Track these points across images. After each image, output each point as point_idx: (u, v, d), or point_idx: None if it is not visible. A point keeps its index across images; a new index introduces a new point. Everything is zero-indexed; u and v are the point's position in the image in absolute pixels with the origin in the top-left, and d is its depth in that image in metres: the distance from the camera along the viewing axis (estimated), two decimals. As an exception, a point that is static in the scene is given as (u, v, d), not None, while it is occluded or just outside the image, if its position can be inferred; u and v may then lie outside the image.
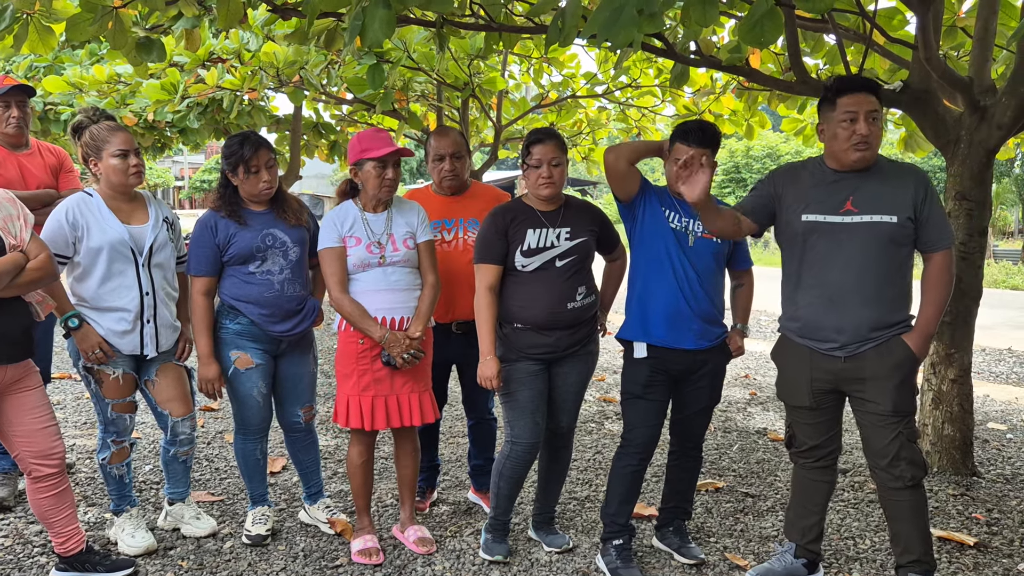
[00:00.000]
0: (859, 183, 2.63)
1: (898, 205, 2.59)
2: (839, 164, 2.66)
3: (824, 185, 2.67)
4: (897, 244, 2.60)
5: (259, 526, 3.23)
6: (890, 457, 2.64)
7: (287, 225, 3.12)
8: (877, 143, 2.60)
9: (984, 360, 7.49)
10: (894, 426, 2.63)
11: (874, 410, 2.65)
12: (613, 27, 2.38)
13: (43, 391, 2.77)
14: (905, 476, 2.64)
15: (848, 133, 2.57)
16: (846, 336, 2.63)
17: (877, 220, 2.59)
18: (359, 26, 2.64)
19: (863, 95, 2.57)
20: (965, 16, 4.30)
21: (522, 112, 7.76)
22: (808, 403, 2.77)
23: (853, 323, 2.62)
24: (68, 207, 2.92)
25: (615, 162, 2.90)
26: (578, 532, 3.35)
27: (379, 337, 2.91)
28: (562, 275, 2.91)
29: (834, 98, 2.61)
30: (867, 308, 2.61)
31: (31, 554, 3.08)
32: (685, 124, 2.87)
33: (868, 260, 2.60)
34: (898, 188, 2.61)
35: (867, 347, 2.63)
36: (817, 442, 2.81)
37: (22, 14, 3.53)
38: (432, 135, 3.41)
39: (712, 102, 6.63)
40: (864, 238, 2.60)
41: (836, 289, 2.63)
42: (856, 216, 2.61)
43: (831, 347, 2.66)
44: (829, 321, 2.65)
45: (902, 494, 2.67)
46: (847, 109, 2.57)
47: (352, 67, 5.96)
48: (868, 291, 2.60)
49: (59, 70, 7.96)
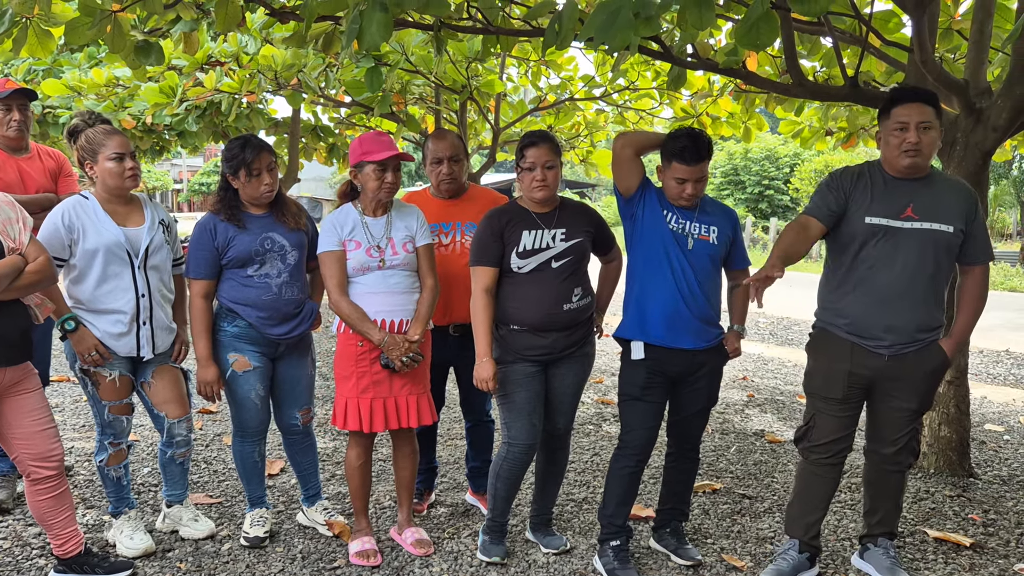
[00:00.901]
0: (918, 190, 2.75)
1: (954, 216, 2.73)
2: (894, 170, 2.78)
3: (884, 189, 2.77)
4: (948, 253, 2.76)
5: (257, 528, 3.23)
6: (899, 447, 2.87)
7: (286, 229, 3.13)
8: (929, 152, 2.71)
9: (982, 362, 7.50)
10: (912, 420, 2.86)
11: (899, 406, 2.84)
12: (610, 30, 2.40)
13: (41, 394, 2.78)
14: (905, 463, 2.91)
15: (899, 141, 2.69)
16: (895, 336, 2.76)
17: (936, 228, 2.72)
18: (357, 29, 2.65)
19: (917, 105, 2.68)
20: (961, 19, 4.32)
21: (520, 115, 7.77)
22: (841, 395, 2.85)
23: (902, 324, 2.75)
24: (64, 210, 2.93)
25: (622, 149, 2.94)
26: (575, 533, 3.36)
27: (378, 340, 2.92)
28: (558, 276, 2.92)
29: (889, 108, 2.74)
30: (916, 311, 2.75)
31: (30, 556, 3.08)
32: (677, 141, 2.83)
33: (922, 265, 2.72)
34: (954, 200, 2.75)
35: (910, 348, 2.78)
36: (836, 436, 2.89)
37: (21, 18, 3.54)
38: (430, 138, 3.41)
39: (709, 105, 6.64)
40: (921, 244, 2.72)
41: (890, 290, 2.74)
42: (916, 223, 2.72)
43: (877, 344, 2.78)
44: (880, 320, 2.76)
45: (894, 476, 2.94)
46: (899, 119, 2.69)
47: (350, 70, 5.97)
48: (918, 295, 2.74)
49: (58, 73, 7.97)
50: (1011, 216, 27.86)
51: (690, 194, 2.85)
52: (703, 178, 2.86)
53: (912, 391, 2.82)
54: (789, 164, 28.88)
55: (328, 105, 7.62)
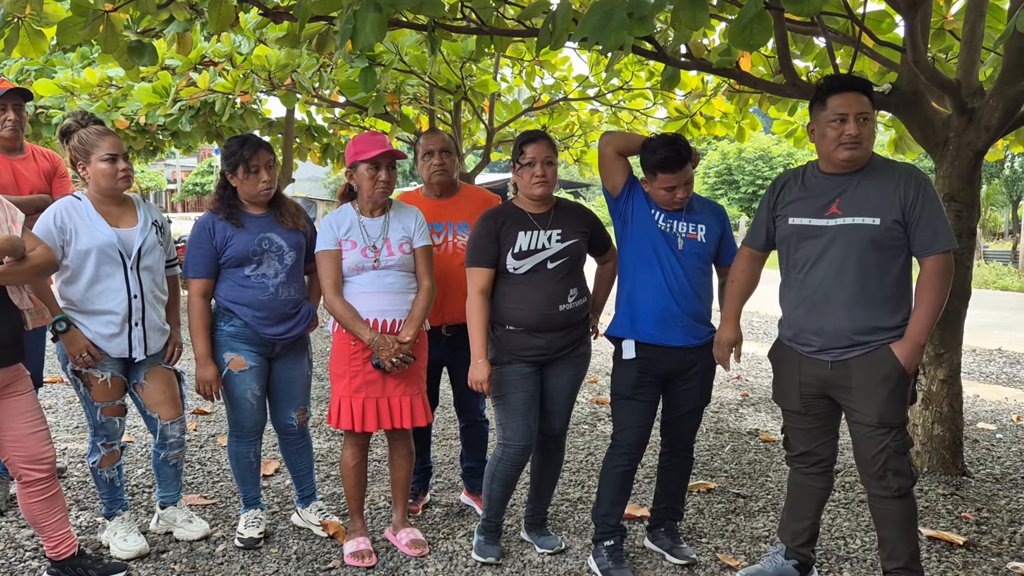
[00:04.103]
0: (848, 185, 2.60)
1: (883, 207, 2.54)
2: (830, 165, 2.63)
3: (813, 188, 2.66)
4: (881, 247, 2.55)
5: (252, 529, 3.23)
6: (878, 467, 2.61)
7: (284, 229, 3.13)
8: (868, 143, 2.56)
9: (974, 360, 7.53)
10: (881, 438, 2.59)
11: (861, 420, 2.61)
12: (603, 30, 2.40)
13: (33, 395, 2.76)
14: (892, 487, 2.61)
15: (837, 133, 2.53)
16: (826, 339, 2.61)
17: (859, 223, 2.55)
18: (350, 29, 2.65)
19: (853, 95, 2.54)
20: (953, 19, 4.33)
21: (514, 115, 7.77)
22: (798, 407, 2.77)
23: (833, 327, 2.59)
24: (56, 211, 2.92)
25: (604, 147, 2.97)
26: (570, 533, 3.36)
27: (369, 340, 2.92)
28: (553, 277, 2.92)
29: (824, 98, 2.58)
30: (848, 312, 2.57)
31: (23, 558, 3.07)
32: (656, 153, 2.81)
33: (849, 263, 2.56)
34: (886, 190, 2.56)
35: (853, 354, 2.59)
36: (808, 448, 2.80)
37: (13, 18, 3.53)
38: (421, 135, 3.44)
39: (703, 104, 6.65)
40: (845, 241, 2.56)
41: (818, 292, 2.62)
42: (839, 219, 2.58)
43: (813, 350, 2.66)
44: (811, 324, 2.64)
45: (889, 503, 2.64)
46: (837, 110, 2.53)
47: (344, 70, 5.97)
48: (849, 295, 2.56)
49: (50, 73, 7.94)
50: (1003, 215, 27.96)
51: (681, 198, 2.87)
52: (689, 180, 2.87)
53: (865, 401, 2.58)
54: (783, 164, 28.93)
55: (322, 105, 7.61)
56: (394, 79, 6.28)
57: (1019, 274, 16.26)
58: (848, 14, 3.60)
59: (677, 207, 2.90)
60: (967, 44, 3.84)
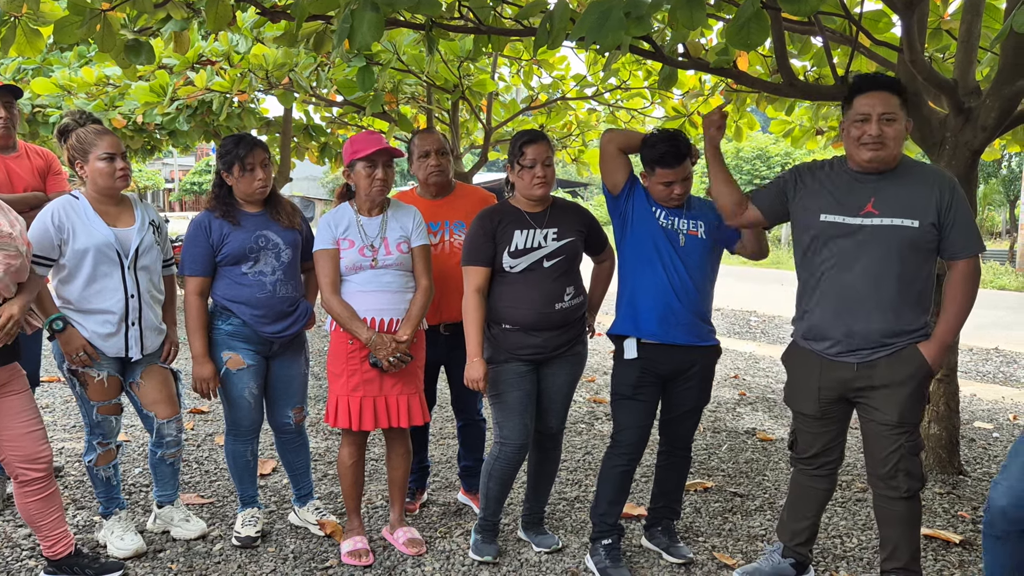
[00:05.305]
0: (881, 185, 2.56)
1: (920, 209, 2.51)
2: (856, 165, 2.60)
3: (845, 185, 2.61)
4: (917, 250, 2.53)
5: (249, 528, 3.23)
6: (889, 467, 2.60)
7: (280, 227, 3.13)
8: (895, 144, 2.53)
9: (971, 360, 7.54)
10: (897, 437, 2.58)
11: (880, 419, 2.59)
12: (601, 30, 2.40)
13: (30, 395, 2.76)
14: (901, 488, 2.60)
15: (859, 133, 2.52)
16: (855, 342, 2.57)
17: (898, 224, 2.52)
18: (348, 28, 2.65)
19: (880, 95, 2.51)
20: (950, 19, 4.34)
21: (512, 114, 7.78)
22: (814, 411, 2.73)
23: (865, 329, 2.56)
24: (53, 210, 2.92)
25: (606, 144, 2.96)
26: (567, 532, 3.37)
27: (366, 339, 2.92)
28: (550, 275, 2.92)
29: (851, 98, 2.57)
30: (881, 315, 2.55)
31: (19, 557, 3.07)
32: (656, 148, 2.82)
33: (886, 265, 2.52)
34: (921, 192, 2.53)
35: (880, 354, 2.57)
36: (818, 450, 2.79)
37: (10, 16, 3.52)
38: (415, 135, 3.42)
39: (701, 104, 6.66)
40: (884, 242, 2.53)
41: (851, 294, 2.57)
42: (877, 219, 2.54)
43: (839, 351, 2.61)
44: (839, 326, 2.59)
45: (897, 504, 2.63)
46: (861, 110, 2.53)
47: (342, 69, 5.96)
48: (884, 297, 2.54)
49: (47, 72, 7.92)
50: (1000, 215, 28.01)
51: (679, 194, 2.87)
52: (688, 176, 2.88)
53: (888, 400, 2.56)
54: (780, 163, 28.97)
55: (320, 104, 7.61)
56: (392, 78, 6.28)
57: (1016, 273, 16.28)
58: (845, 14, 3.60)
59: (675, 203, 2.90)
60: (964, 44, 3.85)
